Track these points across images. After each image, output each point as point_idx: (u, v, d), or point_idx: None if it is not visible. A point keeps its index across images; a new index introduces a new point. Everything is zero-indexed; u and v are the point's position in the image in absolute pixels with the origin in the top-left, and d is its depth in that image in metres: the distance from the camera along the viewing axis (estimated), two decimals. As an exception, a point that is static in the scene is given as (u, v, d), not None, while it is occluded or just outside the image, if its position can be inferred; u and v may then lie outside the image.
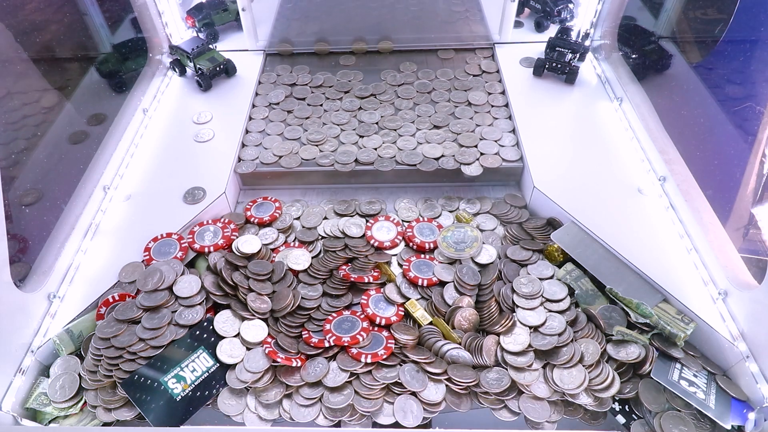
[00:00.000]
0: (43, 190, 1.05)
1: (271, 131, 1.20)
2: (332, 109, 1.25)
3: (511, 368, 0.81)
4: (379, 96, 1.29)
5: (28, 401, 0.80)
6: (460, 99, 1.26)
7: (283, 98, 1.29)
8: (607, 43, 1.38)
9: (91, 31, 1.36)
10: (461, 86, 1.31)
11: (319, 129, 1.20)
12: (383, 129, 1.19)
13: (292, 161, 1.12)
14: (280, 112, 1.26)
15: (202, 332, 0.85)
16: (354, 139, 1.17)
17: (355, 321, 0.87)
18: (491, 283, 0.92)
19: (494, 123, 1.21)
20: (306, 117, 1.24)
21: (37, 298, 0.87)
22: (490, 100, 1.27)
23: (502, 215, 1.05)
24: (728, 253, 0.90)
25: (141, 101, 1.28)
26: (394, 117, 1.22)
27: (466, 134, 1.17)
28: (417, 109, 1.24)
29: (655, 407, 0.77)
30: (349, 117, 1.23)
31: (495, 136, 1.16)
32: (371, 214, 1.05)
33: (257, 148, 1.17)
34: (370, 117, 1.22)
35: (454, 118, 1.21)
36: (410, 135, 1.17)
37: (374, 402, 0.79)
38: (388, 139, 1.16)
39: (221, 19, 1.49)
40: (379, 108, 1.25)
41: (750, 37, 1.08)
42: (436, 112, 1.23)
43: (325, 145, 1.16)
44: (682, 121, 1.14)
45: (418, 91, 1.29)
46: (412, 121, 1.21)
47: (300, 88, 1.33)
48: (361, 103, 1.27)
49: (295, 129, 1.20)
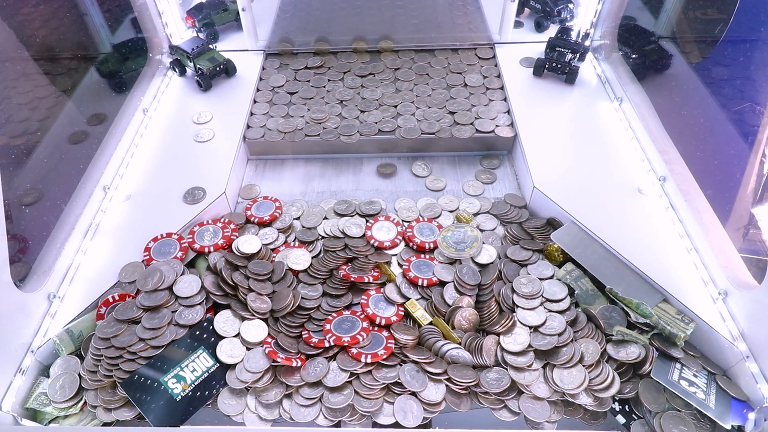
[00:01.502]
0: (43, 190, 1.05)
1: (274, 113, 1.26)
2: (335, 89, 1.31)
3: (511, 368, 0.81)
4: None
5: (28, 401, 0.80)
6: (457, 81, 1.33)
7: (285, 82, 1.35)
8: (607, 43, 1.38)
9: (91, 31, 1.36)
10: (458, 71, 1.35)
11: (322, 108, 1.26)
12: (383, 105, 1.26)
13: (296, 136, 1.19)
14: (284, 94, 1.31)
15: (202, 332, 0.85)
16: (356, 113, 1.24)
17: (355, 321, 0.87)
18: (491, 283, 0.92)
19: (490, 104, 1.26)
20: (310, 97, 1.30)
21: (37, 298, 0.87)
22: (486, 83, 1.33)
23: (501, 215, 1.05)
24: (728, 253, 0.90)
25: (141, 101, 1.28)
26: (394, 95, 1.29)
27: (462, 113, 1.23)
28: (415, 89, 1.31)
29: (655, 407, 0.77)
30: (352, 93, 1.30)
31: (491, 115, 1.23)
32: (371, 214, 1.05)
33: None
34: (372, 94, 1.30)
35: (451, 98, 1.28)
36: (410, 114, 1.24)
37: (374, 402, 0.79)
38: (388, 114, 1.23)
39: (221, 19, 1.49)
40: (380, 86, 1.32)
41: (750, 37, 1.08)
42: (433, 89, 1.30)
43: (328, 122, 1.22)
44: (682, 121, 1.14)
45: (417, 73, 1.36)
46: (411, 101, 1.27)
47: (303, 72, 1.38)
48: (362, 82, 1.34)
49: (300, 107, 1.27)
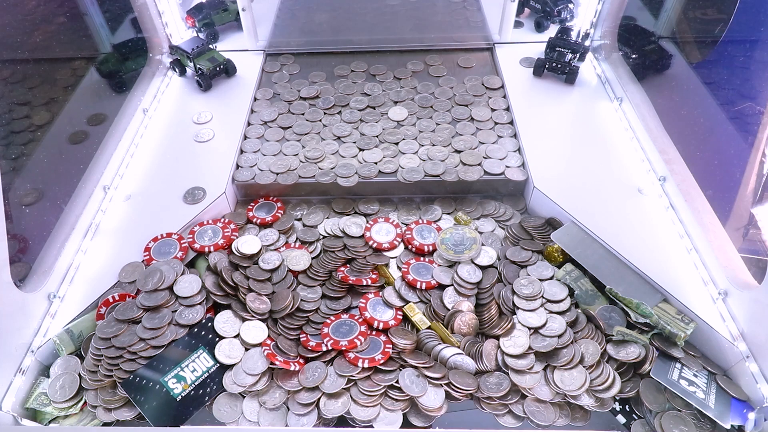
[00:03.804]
0: (43, 190, 1.05)
1: (267, 151, 1.15)
2: (332, 123, 1.21)
3: (512, 371, 0.81)
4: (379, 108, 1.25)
5: (28, 401, 0.80)
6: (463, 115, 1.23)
7: (277, 116, 1.24)
8: (607, 43, 1.38)
9: (91, 31, 1.36)
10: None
11: (318, 146, 1.15)
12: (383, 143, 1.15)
13: (289, 178, 1.08)
14: (277, 129, 1.20)
15: (203, 332, 0.85)
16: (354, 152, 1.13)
17: (353, 325, 0.86)
18: (491, 286, 0.91)
19: (498, 141, 1.15)
20: (305, 133, 1.19)
21: (37, 298, 0.87)
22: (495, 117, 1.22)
23: (498, 217, 1.05)
24: (728, 253, 0.90)
25: (141, 101, 1.28)
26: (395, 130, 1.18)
27: (468, 151, 1.12)
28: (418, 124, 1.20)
29: (656, 407, 0.77)
30: (350, 129, 1.19)
31: (500, 155, 1.11)
32: (370, 213, 1.05)
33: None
34: (372, 129, 1.18)
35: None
36: (413, 153, 1.13)
37: (371, 411, 0.78)
38: (389, 153, 1.12)
39: (221, 19, 1.49)
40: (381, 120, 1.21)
41: (750, 37, 1.08)
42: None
43: (324, 162, 1.11)
44: (682, 121, 1.14)
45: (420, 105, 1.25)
46: (414, 136, 1.16)
47: (297, 103, 1.27)
48: (361, 115, 1.23)
49: (294, 144, 1.16)
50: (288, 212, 1.07)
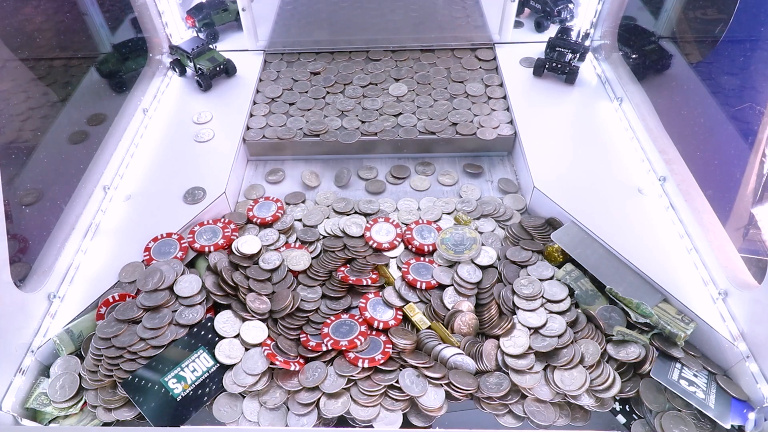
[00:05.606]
0: (43, 190, 1.05)
1: (273, 123, 1.24)
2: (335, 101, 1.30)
3: (512, 371, 0.81)
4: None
5: (28, 401, 0.80)
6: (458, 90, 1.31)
7: (282, 93, 1.32)
8: (607, 43, 1.38)
9: (91, 31, 1.36)
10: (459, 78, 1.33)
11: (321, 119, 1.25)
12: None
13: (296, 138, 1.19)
14: (281, 104, 1.29)
15: (203, 332, 0.85)
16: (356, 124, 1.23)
17: (353, 325, 0.86)
18: (491, 286, 0.91)
19: (492, 114, 1.24)
20: (308, 109, 1.28)
21: (37, 298, 0.87)
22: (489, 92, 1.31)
23: (498, 217, 1.05)
24: (728, 253, 0.90)
25: (141, 101, 1.28)
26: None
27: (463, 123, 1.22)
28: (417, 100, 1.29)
29: (656, 407, 0.77)
30: (353, 104, 1.28)
31: (492, 124, 1.21)
32: (370, 213, 1.05)
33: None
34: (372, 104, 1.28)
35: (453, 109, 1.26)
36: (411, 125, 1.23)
37: (371, 411, 0.78)
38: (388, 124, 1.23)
39: (221, 19, 1.49)
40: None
41: (750, 37, 1.08)
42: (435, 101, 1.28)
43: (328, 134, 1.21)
44: (682, 121, 1.14)
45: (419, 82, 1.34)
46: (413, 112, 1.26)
47: (302, 83, 1.35)
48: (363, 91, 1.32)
49: (298, 119, 1.25)
50: (288, 212, 1.07)
